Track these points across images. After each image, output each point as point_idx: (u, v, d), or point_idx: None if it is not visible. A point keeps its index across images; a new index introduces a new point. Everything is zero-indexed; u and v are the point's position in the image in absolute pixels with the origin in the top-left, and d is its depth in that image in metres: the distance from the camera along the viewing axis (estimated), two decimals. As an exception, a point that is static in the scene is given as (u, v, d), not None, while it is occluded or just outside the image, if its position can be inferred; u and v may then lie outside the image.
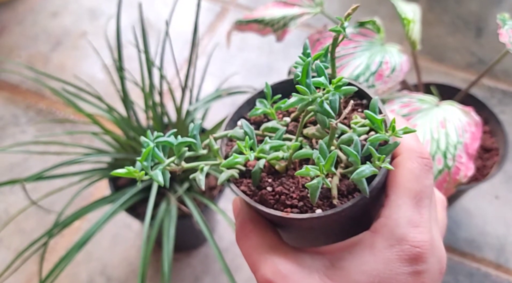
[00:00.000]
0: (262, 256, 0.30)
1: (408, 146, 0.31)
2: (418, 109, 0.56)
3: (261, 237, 0.31)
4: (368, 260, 0.29)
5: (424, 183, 0.30)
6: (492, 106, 0.77)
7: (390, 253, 0.29)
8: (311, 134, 0.32)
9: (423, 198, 0.30)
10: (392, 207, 0.30)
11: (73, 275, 0.81)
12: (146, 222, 0.62)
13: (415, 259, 0.28)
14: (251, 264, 0.31)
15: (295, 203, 0.30)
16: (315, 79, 0.29)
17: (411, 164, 0.30)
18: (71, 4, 1.21)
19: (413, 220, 0.29)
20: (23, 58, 1.10)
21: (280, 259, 0.30)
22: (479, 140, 0.52)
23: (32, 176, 0.64)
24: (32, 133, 0.98)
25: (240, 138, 0.32)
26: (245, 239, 0.32)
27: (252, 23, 0.70)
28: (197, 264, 0.82)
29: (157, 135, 0.31)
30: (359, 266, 0.29)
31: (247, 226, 0.32)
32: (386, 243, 0.29)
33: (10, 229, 0.85)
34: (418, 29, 0.62)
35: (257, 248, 0.31)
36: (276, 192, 0.31)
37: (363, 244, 0.30)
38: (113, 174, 0.28)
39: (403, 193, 0.30)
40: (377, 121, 0.29)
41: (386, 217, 0.30)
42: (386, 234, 0.29)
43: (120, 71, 0.71)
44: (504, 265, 0.81)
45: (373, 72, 0.55)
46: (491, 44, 1.10)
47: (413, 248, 0.28)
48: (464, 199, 0.87)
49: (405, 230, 0.29)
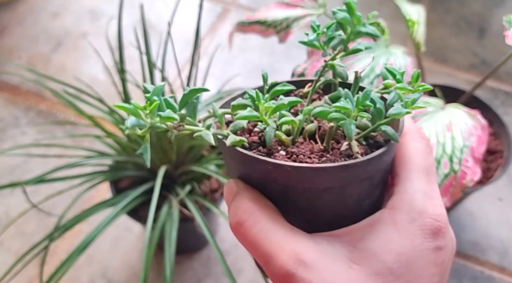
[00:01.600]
0: (277, 244, 0.26)
1: (409, 128, 0.32)
2: (423, 111, 0.55)
3: (272, 222, 0.27)
4: (393, 237, 0.27)
5: (430, 160, 0.31)
6: (495, 107, 0.77)
7: (414, 227, 0.28)
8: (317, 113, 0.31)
9: (432, 173, 0.30)
10: (405, 182, 0.29)
11: (74, 278, 0.80)
12: (148, 225, 0.62)
13: (436, 233, 0.28)
14: (262, 254, 0.27)
15: (316, 161, 0.28)
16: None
17: (416, 143, 0.31)
18: (71, 5, 1.21)
19: (428, 193, 0.29)
20: (23, 59, 1.09)
21: (301, 247, 0.26)
22: (486, 143, 0.51)
23: (32, 179, 0.64)
24: (32, 135, 0.97)
25: (246, 104, 0.29)
26: (250, 226, 0.27)
27: (255, 25, 0.70)
28: (199, 267, 0.82)
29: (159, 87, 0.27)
30: (385, 244, 0.27)
31: (251, 209, 0.28)
32: (408, 217, 0.28)
33: (10, 232, 0.85)
34: (423, 30, 0.62)
35: (269, 234, 0.27)
36: (292, 153, 0.28)
37: (384, 222, 0.28)
38: (115, 105, 0.24)
39: (414, 169, 0.30)
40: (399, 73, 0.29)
41: (402, 193, 0.29)
42: (406, 208, 0.28)
43: (122, 73, 0.70)
44: (508, 268, 0.80)
45: (378, 75, 0.54)
46: (494, 45, 1.10)
47: (434, 222, 0.28)
48: (468, 202, 0.87)
49: (424, 203, 0.28)
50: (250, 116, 0.27)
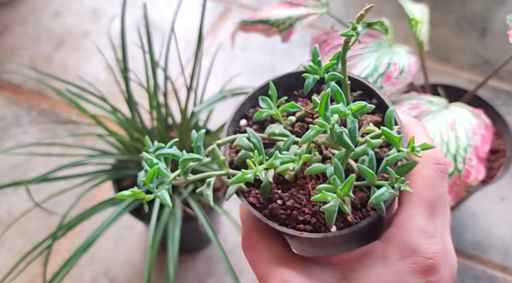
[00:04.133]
0: (270, 268, 0.29)
1: (424, 151, 0.30)
2: (427, 111, 0.55)
3: (269, 248, 0.30)
4: (380, 273, 0.28)
5: (439, 191, 0.29)
6: (497, 107, 0.77)
7: (403, 265, 0.28)
8: (321, 142, 0.31)
9: (438, 207, 0.29)
10: (405, 216, 0.29)
11: (77, 277, 0.80)
12: (152, 224, 0.62)
13: (428, 271, 0.28)
14: (259, 276, 0.30)
15: (308, 218, 0.29)
16: (334, 107, 0.28)
17: (426, 171, 0.29)
18: (73, 4, 1.21)
19: (427, 231, 0.28)
20: (25, 58, 1.09)
21: (289, 272, 0.29)
22: (490, 143, 0.51)
23: (35, 178, 0.64)
24: (34, 134, 0.97)
25: (246, 148, 0.31)
26: (252, 250, 0.31)
27: (257, 24, 0.70)
28: (201, 266, 0.82)
29: (158, 146, 0.30)
30: (371, 278, 0.28)
31: (254, 236, 0.31)
32: (398, 255, 0.28)
33: (13, 231, 0.85)
34: (426, 29, 0.62)
35: (265, 259, 0.30)
36: (288, 207, 0.30)
37: (375, 255, 0.29)
38: (117, 197, 0.27)
39: (417, 202, 0.29)
40: (395, 139, 0.28)
41: (398, 227, 0.29)
42: (398, 244, 0.28)
43: (125, 72, 0.70)
44: (510, 268, 0.80)
45: (381, 74, 0.54)
46: (496, 44, 1.09)
47: (426, 260, 0.28)
48: (470, 201, 0.87)
49: (418, 241, 0.28)
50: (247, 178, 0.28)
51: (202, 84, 0.76)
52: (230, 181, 0.29)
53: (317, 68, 0.30)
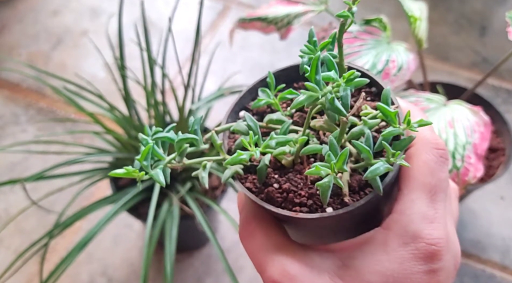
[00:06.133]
0: (269, 257, 0.29)
1: (423, 136, 0.29)
2: (425, 108, 0.55)
3: (267, 236, 0.29)
4: (381, 259, 0.27)
5: (440, 176, 0.29)
6: (497, 105, 0.76)
7: (405, 251, 0.27)
8: (319, 127, 0.31)
9: (438, 192, 0.28)
10: (405, 202, 0.28)
11: (74, 275, 0.80)
12: (149, 222, 0.61)
13: (430, 257, 0.27)
14: (257, 264, 0.29)
15: (304, 201, 0.29)
16: (325, 74, 0.27)
17: (426, 156, 0.29)
18: (71, 3, 1.20)
19: (428, 216, 0.28)
20: (23, 57, 1.09)
21: (288, 259, 0.28)
22: (488, 140, 0.51)
23: (32, 176, 0.63)
24: (32, 132, 0.97)
25: (243, 132, 0.31)
26: (249, 238, 0.30)
27: (256, 21, 0.69)
28: (199, 265, 0.81)
29: (156, 131, 0.29)
30: (372, 265, 0.27)
31: (252, 224, 0.30)
32: (400, 241, 0.27)
33: (10, 229, 0.84)
34: (425, 27, 0.61)
35: (263, 247, 0.29)
36: (284, 190, 0.29)
37: (376, 242, 0.28)
38: (111, 175, 0.27)
39: (417, 188, 0.28)
40: (391, 114, 0.27)
41: (399, 213, 0.28)
42: (400, 231, 0.28)
43: (122, 70, 0.70)
44: (510, 267, 0.80)
45: (380, 71, 0.54)
46: (495, 43, 1.09)
47: (429, 246, 0.27)
48: (469, 200, 0.86)
49: (419, 227, 0.27)
50: (242, 159, 0.28)
51: (200, 82, 0.76)
52: (226, 161, 0.28)
53: (313, 48, 0.29)
